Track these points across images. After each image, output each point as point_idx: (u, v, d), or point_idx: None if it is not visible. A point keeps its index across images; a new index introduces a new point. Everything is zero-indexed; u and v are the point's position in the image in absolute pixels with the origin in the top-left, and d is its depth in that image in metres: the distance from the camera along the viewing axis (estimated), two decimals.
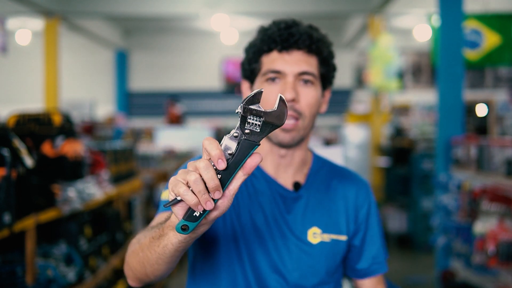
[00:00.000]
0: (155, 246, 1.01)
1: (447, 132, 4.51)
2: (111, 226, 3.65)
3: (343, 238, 1.32)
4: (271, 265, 1.26)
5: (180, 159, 7.27)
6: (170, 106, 10.49)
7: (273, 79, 1.30)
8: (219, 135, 10.59)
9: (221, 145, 0.84)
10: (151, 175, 5.63)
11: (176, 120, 10.29)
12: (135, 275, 1.15)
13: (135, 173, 4.70)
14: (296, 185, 1.34)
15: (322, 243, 1.30)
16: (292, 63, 1.29)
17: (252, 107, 0.84)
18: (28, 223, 2.44)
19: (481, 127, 9.78)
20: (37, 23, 10.59)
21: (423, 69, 12.66)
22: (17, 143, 2.42)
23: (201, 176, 0.83)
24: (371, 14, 8.59)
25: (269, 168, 1.35)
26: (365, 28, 9.59)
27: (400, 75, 8.73)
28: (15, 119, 2.97)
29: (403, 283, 5.10)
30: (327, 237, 1.30)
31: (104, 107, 13.24)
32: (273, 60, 1.30)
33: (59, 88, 9.06)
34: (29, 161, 2.44)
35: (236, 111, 0.85)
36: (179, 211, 0.88)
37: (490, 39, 5.98)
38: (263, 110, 0.84)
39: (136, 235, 1.20)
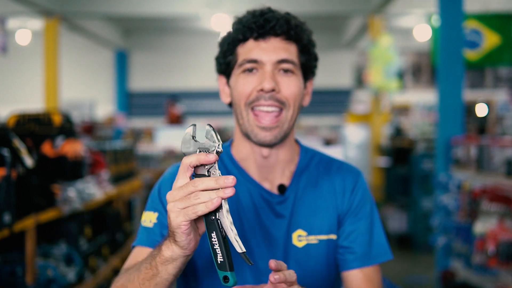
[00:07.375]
0: (148, 287, 0.98)
1: (447, 132, 4.51)
2: (111, 226, 3.65)
3: (333, 237, 1.23)
4: (257, 273, 1.19)
5: (180, 159, 7.26)
6: (170, 106, 10.47)
7: (250, 70, 1.21)
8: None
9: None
10: (151, 175, 5.63)
11: (176, 120, 10.26)
12: None
13: (135, 173, 4.70)
14: (281, 188, 1.24)
15: (308, 246, 1.21)
16: (270, 50, 1.19)
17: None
18: (28, 223, 2.44)
19: (481, 127, 9.78)
20: (37, 23, 10.58)
21: (423, 69, 12.66)
22: (17, 143, 2.42)
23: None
24: (371, 14, 8.58)
25: (253, 171, 1.25)
26: (365, 28, 9.58)
27: (400, 75, 8.73)
28: (15, 119, 2.97)
29: (403, 283, 5.09)
30: (313, 239, 1.21)
31: (104, 107, 13.24)
32: (249, 50, 1.21)
33: (59, 88, 9.06)
34: (29, 161, 2.44)
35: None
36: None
37: (490, 39, 5.98)
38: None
39: (116, 280, 1.10)
